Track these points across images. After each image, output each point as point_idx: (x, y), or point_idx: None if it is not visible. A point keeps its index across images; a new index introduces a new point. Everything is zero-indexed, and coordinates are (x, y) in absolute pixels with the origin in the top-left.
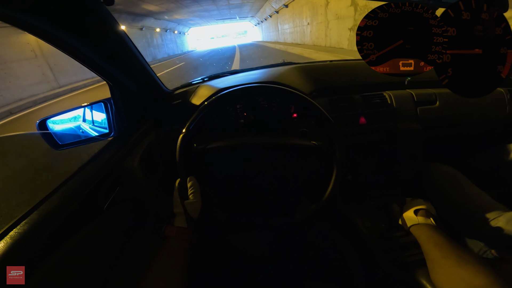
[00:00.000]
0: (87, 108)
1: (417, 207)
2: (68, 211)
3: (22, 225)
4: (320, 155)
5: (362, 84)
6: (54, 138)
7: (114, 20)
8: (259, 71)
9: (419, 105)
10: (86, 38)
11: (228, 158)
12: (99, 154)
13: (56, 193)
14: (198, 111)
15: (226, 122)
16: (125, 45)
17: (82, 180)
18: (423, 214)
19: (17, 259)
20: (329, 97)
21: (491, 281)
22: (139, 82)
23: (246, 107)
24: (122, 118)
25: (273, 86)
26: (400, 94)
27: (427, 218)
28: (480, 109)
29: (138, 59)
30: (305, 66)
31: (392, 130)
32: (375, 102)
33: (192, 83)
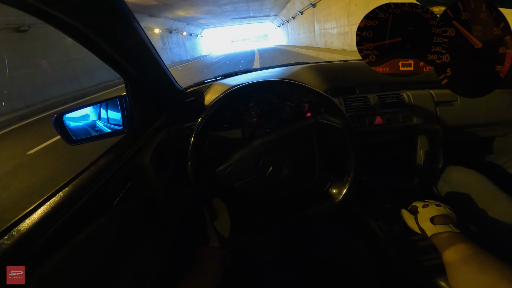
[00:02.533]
0: (102, 105)
1: (434, 215)
2: (77, 206)
3: (24, 223)
4: (327, 129)
5: (378, 83)
6: (69, 133)
7: (132, 15)
8: (273, 70)
9: (439, 105)
10: (105, 33)
11: (241, 170)
12: (111, 149)
13: (66, 188)
14: (206, 111)
15: (238, 121)
16: (142, 41)
17: (93, 175)
18: (441, 221)
19: (17, 259)
20: (344, 96)
21: None
22: (154, 79)
23: (259, 106)
24: (135, 115)
25: (286, 80)
26: (419, 94)
27: (446, 225)
28: (502, 110)
29: (153, 56)
30: (319, 66)
31: (411, 131)
32: (392, 102)
33: (205, 81)
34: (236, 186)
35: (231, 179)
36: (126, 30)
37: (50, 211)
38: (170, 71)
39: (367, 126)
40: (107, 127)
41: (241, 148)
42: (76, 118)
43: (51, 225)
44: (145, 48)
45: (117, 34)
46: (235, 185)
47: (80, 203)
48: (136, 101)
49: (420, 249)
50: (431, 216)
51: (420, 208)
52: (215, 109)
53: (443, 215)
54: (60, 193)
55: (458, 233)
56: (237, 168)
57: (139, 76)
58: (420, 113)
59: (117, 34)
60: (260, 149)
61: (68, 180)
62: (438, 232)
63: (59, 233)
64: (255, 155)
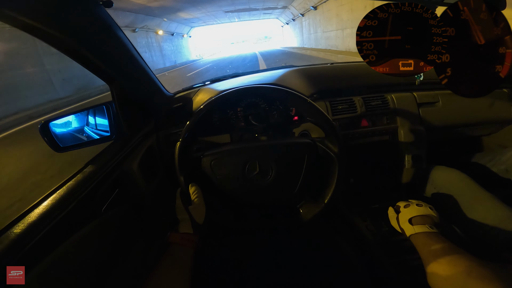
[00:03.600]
0: (89, 111)
1: (413, 215)
2: (66, 212)
3: (21, 225)
4: (320, 153)
5: (363, 86)
6: (55, 141)
7: (114, 23)
8: (260, 74)
9: (422, 106)
10: (86, 40)
11: (227, 163)
12: (99, 156)
13: (54, 194)
14: (193, 117)
15: (227, 126)
16: (125, 48)
17: (81, 182)
18: (419, 222)
19: (17, 259)
20: (330, 99)
21: (485, 283)
22: (140, 85)
23: (247, 111)
24: (123, 121)
25: (270, 86)
26: (402, 96)
27: (423, 226)
28: (484, 110)
29: (138, 62)
30: (306, 69)
31: (395, 132)
32: (376, 104)
33: (193, 86)
34: (217, 179)
35: (215, 171)
36: (109, 37)
37: (36, 219)
38: (157, 77)
39: (353, 129)
40: (94, 133)
41: (232, 144)
42: (63, 125)
43: (37, 233)
44: (128, 54)
45: (100, 42)
46: (216, 178)
47: (67, 210)
48: (122, 108)
49: (407, 249)
50: (411, 216)
51: (402, 208)
52: (199, 117)
53: (422, 215)
54: (47, 200)
55: (435, 233)
56: (223, 162)
57: (123, 82)
58: (404, 114)
59: (99, 42)
60: (252, 151)
61: (55, 188)
62: (416, 232)
63: (46, 241)
64: (245, 155)
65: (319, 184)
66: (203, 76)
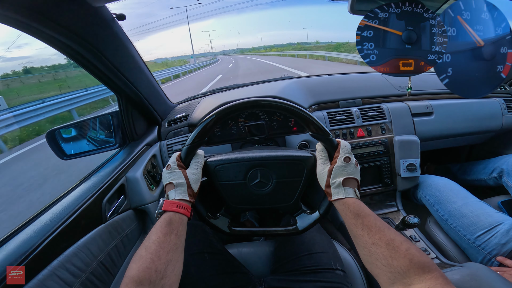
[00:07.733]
0: (94, 120)
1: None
2: (73, 218)
3: (24, 229)
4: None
5: (360, 97)
6: (62, 148)
7: (125, 35)
8: (261, 85)
9: (416, 116)
10: (99, 52)
11: (231, 170)
12: (104, 164)
13: (62, 200)
14: (197, 128)
15: (228, 135)
16: (134, 59)
17: (87, 189)
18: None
19: (26, 262)
20: (327, 110)
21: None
22: (146, 95)
23: (248, 121)
24: (127, 130)
25: (271, 99)
26: (397, 107)
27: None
28: (476, 120)
29: (145, 73)
30: (305, 80)
31: (390, 142)
32: (372, 115)
33: (196, 97)
34: (220, 184)
35: (218, 176)
36: (121, 50)
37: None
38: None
39: (350, 139)
40: (99, 142)
41: (236, 153)
42: (69, 133)
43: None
44: (137, 65)
45: (113, 54)
46: (219, 183)
47: (74, 216)
48: (128, 117)
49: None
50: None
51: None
52: (200, 130)
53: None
54: (55, 206)
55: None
56: (227, 169)
57: (131, 93)
58: (398, 124)
59: (113, 54)
60: (255, 161)
61: (62, 194)
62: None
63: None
64: (249, 164)
65: (315, 195)
66: None
